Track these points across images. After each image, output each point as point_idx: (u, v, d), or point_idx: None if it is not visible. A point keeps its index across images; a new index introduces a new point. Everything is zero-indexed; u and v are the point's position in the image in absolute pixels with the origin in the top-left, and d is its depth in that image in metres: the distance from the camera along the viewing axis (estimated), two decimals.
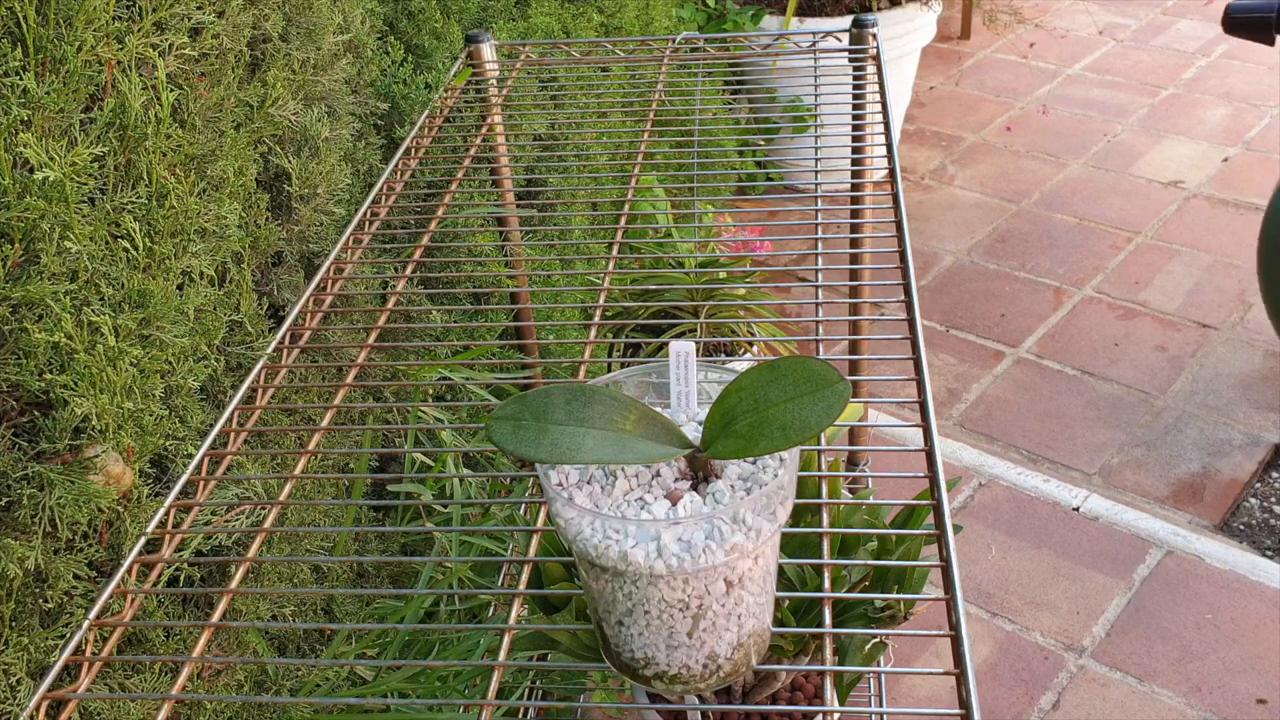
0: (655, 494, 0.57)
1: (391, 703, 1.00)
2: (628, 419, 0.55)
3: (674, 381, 0.59)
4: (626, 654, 0.60)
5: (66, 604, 0.89)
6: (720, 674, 0.61)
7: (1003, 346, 2.27)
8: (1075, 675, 1.60)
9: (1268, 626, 1.65)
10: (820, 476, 0.82)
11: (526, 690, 1.29)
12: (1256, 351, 2.22)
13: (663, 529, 0.54)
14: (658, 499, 0.56)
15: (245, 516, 1.01)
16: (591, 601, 0.61)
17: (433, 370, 1.25)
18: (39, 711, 0.67)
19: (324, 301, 1.04)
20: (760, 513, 0.55)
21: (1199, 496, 1.90)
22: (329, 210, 1.28)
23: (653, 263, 1.33)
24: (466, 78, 1.38)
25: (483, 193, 1.48)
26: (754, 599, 0.59)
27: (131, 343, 0.93)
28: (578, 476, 0.58)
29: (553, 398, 0.56)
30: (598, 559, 0.55)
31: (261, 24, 1.16)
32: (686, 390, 0.60)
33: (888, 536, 0.89)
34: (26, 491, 0.84)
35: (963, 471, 1.96)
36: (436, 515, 1.32)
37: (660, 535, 0.54)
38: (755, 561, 0.57)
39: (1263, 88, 3.15)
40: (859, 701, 1.31)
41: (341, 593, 0.96)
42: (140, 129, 0.93)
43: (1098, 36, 3.51)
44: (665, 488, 0.57)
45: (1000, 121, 3.08)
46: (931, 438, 0.80)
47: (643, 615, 0.57)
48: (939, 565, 0.71)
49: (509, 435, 0.55)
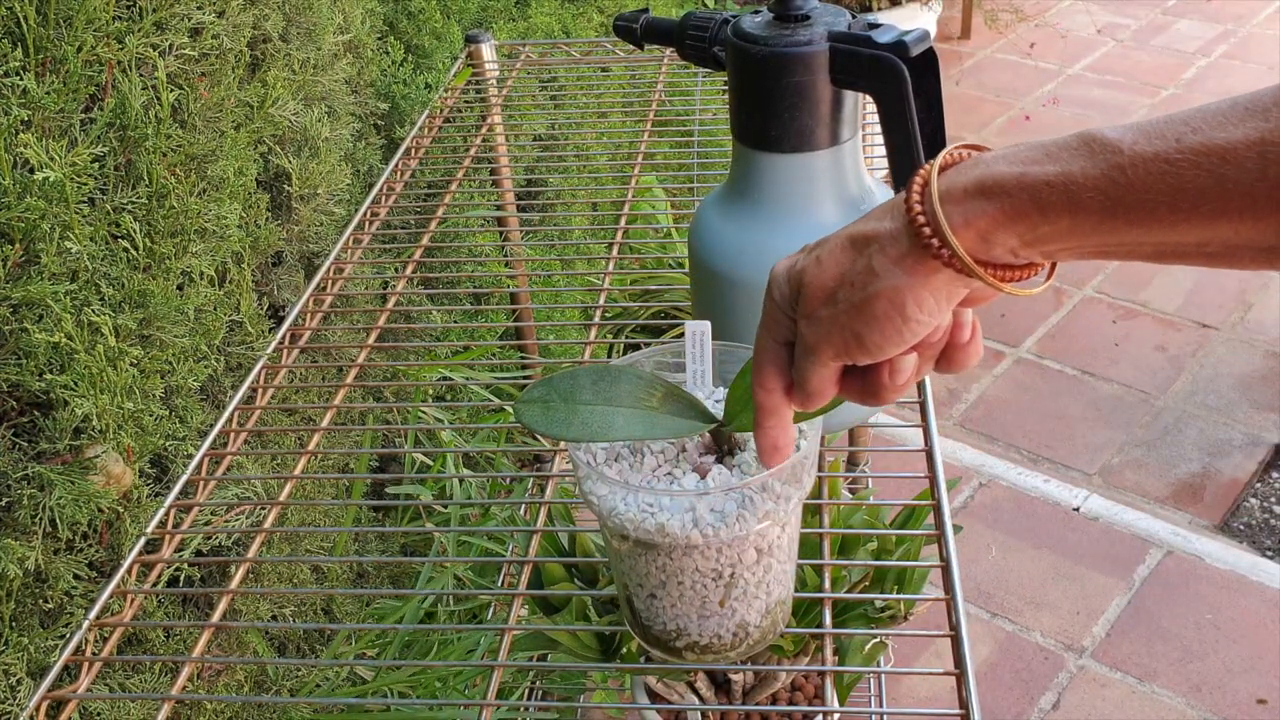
0: (683, 468, 0.58)
1: (391, 703, 1.00)
2: (654, 396, 0.56)
3: (690, 360, 0.60)
4: (658, 626, 0.62)
5: (66, 604, 0.89)
6: (749, 642, 0.62)
7: (1003, 346, 2.27)
8: (1075, 675, 1.60)
9: (1268, 626, 1.65)
10: (820, 476, 0.81)
11: (526, 690, 1.29)
12: (1256, 351, 2.22)
13: (696, 500, 0.56)
14: (686, 473, 0.58)
15: (245, 517, 1.01)
16: (620, 577, 0.62)
17: (433, 370, 1.25)
18: (39, 711, 0.67)
19: (324, 301, 1.04)
20: (788, 481, 0.57)
21: (1199, 496, 1.90)
22: (329, 210, 1.28)
23: (653, 263, 1.33)
24: (466, 78, 1.38)
25: (483, 193, 1.48)
26: (781, 566, 0.61)
27: (131, 343, 0.93)
28: (604, 455, 0.59)
29: (580, 379, 0.56)
30: (633, 533, 0.56)
31: (261, 24, 1.16)
32: (702, 369, 0.61)
33: (888, 536, 0.89)
34: (26, 491, 0.84)
35: (963, 471, 1.96)
36: (436, 515, 1.32)
37: (695, 506, 0.55)
38: (783, 529, 0.59)
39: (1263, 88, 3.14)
40: (859, 701, 1.30)
41: (341, 593, 0.96)
42: (140, 129, 0.93)
43: (1098, 36, 3.51)
44: (692, 462, 0.59)
45: (1000, 122, 3.08)
46: (931, 438, 0.80)
47: (676, 587, 0.59)
48: (939, 565, 0.71)
49: (539, 417, 0.55)
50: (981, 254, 0.43)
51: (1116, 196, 0.39)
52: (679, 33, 0.79)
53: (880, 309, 0.45)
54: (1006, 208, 0.41)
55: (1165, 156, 0.38)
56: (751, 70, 0.70)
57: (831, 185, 0.73)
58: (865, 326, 0.45)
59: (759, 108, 0.71)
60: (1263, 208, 0.37)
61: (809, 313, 0.47)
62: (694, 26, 0.78)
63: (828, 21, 0.70)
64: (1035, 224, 0.41)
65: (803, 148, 0.72)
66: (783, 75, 0.69)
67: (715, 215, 0.76)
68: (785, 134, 0.71)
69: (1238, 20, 3.55)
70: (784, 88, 0.70)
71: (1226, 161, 0.37)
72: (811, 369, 0.48)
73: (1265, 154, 0.36)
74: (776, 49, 0.69)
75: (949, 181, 0.43)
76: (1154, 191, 0.38)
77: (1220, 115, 0.38)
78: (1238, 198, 0.37)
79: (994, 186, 0.42)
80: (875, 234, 0.45)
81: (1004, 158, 0.42)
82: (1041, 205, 0.41)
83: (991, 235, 0.42)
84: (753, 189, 0.74)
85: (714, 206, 0.77)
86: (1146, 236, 0.40)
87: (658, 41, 0.83)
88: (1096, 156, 0.40)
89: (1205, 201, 0.38)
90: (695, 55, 0.79)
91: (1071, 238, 0.41)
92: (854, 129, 0.74)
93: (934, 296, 0.44)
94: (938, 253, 0.43)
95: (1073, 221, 0.40)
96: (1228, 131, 0.37)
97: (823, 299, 0.47)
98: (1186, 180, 0.38)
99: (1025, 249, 0.42)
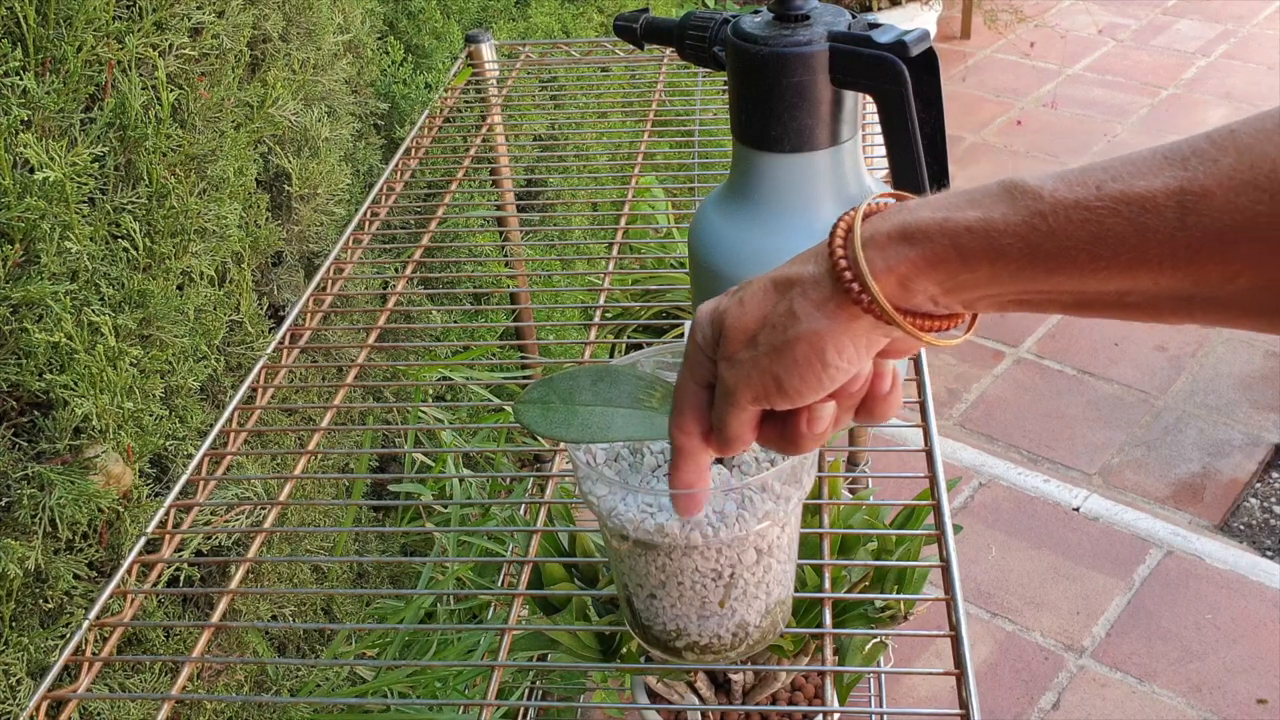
0: None
1: (391, 703, 1.00)
2: (653, 396, 0.56)
3: None
4: (658, 627, 0.62)
5: (66, 604, 0.89)
6: (749, 642, 0.62)
7: (1003, 346, 2.27)
8: (1075, 675, 1.60)
9: (1268, 626, 1.65)
10: (820, 476, 0.82)
11: (526, 690, 1.29)
12: (1256, 351, 2.22)
13: None
14: None
15: (245, 516, 1.01)
16: (620, 578, 0.62)
17: (433, 370, 1.25)
18: (39, 711, 0.67)
19: (324, 301, 1.04)
20: (788, 481, 0.57)
21: (1199, 496, 1.90)
22: (329, 210, 1.28)
23: (653, 263, 1.33)
24: (466, 78, 1.38)
25: (483, 193, 1.48)
26: (781, 566, 0.61)
27: (131, 343, 0.93)
28: (604, 455, 0.59)
29: (579, 379, 0.56)
30: (633, 533, 0.56)
31: (261, 24, 1.16)
32: None
33: (888, 536, 0.89)
34: (26, 491, 0.84)
35: (963, 471, 1.96)
36: (436, 515, 1.32)
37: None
38: (783, 529, 0.59)
39: (1263, 88, 3.15)
40: (859, 701, 1.31)
41: (341, 593, 0.96)
42: (140, 129, 0.93)
43: (1098, 36, 3.51)
44: None
45: (1000, 122, 3.08)
46: (931, 438, 0.80)
47: (675, 587, 0.59)
48: (939, 565, 0.71)
49: (538, 418, 0.55)
50: (902, 301, 0.42)
51: (1036, 243, 0.39)
52: (679, 33, 0.79)
53: (800, 353, 0.44)
54: (927, 253, 0.41)
55: (1085, 204, 0.38)
56: (751, 70, 0.70)
57: (831, 185, 0.73)
58: (784, 370, 0.45)
59: (759, 108, 0.71)
60: (1181, 257, 0.37)
61: (729, 354, 0.47)
62: (694, 26, 0.78)
63: (827, 21, 0.70)
64: (955, 270, 0.41)
65: (803, 148, 0.72)
66: (783, 75, 0.69)
67: (715, 215, 0.76)
68: (785, 134, 0.71)
69: (1238, 20, 3.55)
70: (784, 88, 0.70)
71: (1146, 210, 0.37)
72: (730, 413, 0.48)
73: (1184, 203, 0.36)
74: (776, 49, 0.69)
75: (873, 227, 0.43)
76: (1074, 239, 0.38)
77: (1141, 164, 0.38)
78: (1157, 246, 0.37)
79: (916, 232, 0.41)
80: (798, 278, 0.45)
81: (927, 204, 0.42)
82: (962, 251, 0.40)
83: (912, 282, 0.42)
84: (753, 189, 0.74)
85: (714, 206, 0.77)
86: (1066, 284, 0.40)
87: (657, 41, 0.83)
88: (1018, 203, 0.40)
89: (1125, 249, 0.38)
90: (695, 55, 0.79)
91: (992, 285, 0.41)
92: (854, 129, 0.74)
93: (854, 344, 0.44)
94: (858, 298, 0.42)
95: (993, 269, 0.40)
96: (1148, 180, 0.37)
97: (743, 341, 0.46)
98: (1107, 228, 0.38)
99: (945, 297, 0.42)
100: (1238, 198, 0.36)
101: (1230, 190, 0.36)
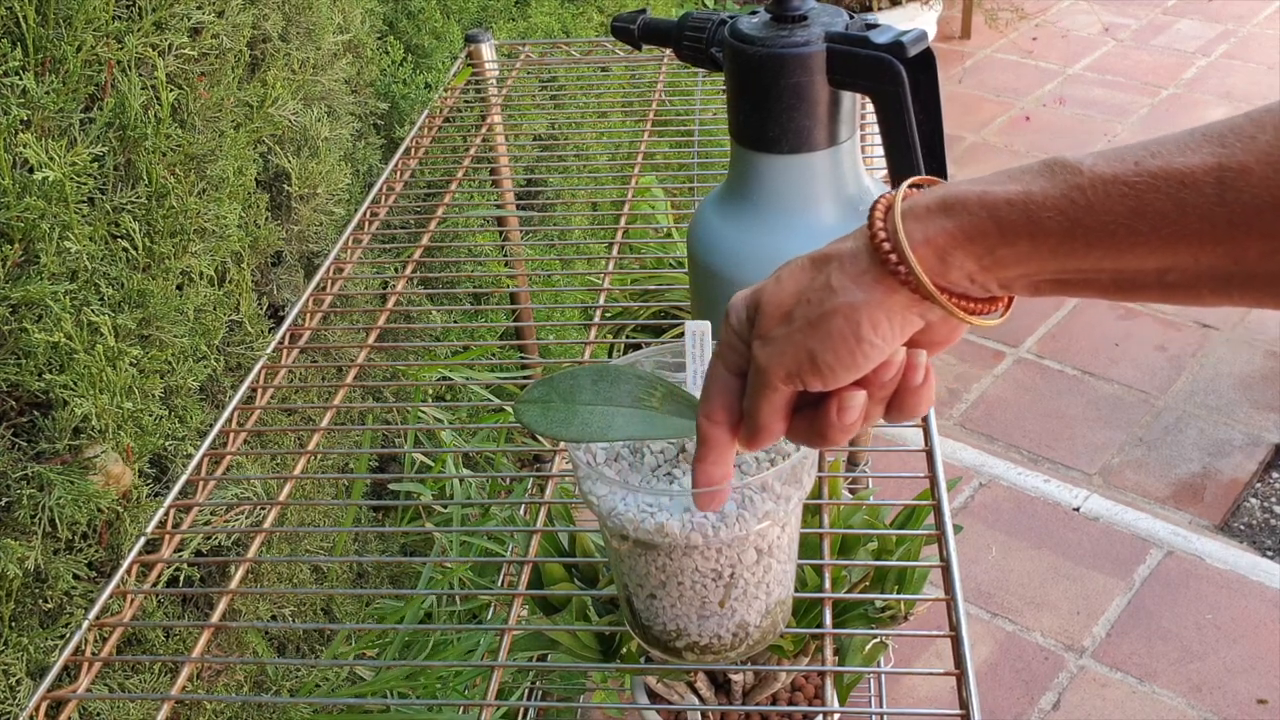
0: (682, 468, 0.58)
1: (391, 703, 1.00)
2: (654, 396, 0.56)
3: (690, 360, 0.60)
4: (658, 627, 0.62)
5: (66, 604, 0.89)
6: (749, 642, 0.62)
7: (1003, 346, 2.27)
8: (1075, 675, 1.60)
9: (1268, 626, 1.65)
10: (820, 476, 0.82)
11: (526, 690, 1.29)
12: (1256, 351, 2.22)
13: None
14: (686, 473, 0.58)
15: (245, 517, 1.01)
16: (620, 578, 0.62)
17: (433, 370, 1.25)
18: (39, 711, 0.67)
19: (324, 301, 1.04)
20: (788, 481, 0.57)
21: (1199, 496, 1.90)
22: (329, 210, 1.28)
23: (653, 263, 1.33)
24: (466, 77, 1.38)
25: (482, 192, 1.48)
26: (781, 566, 0.61)
27: (131, 343, 0.93)
28: (604, 455, 0.59)
29: (579, 379, 0.56)
30: (633, 533, 0.56)
31: (261, 24, 1.16)
32: (702, 369, 0.61)
33: (888, 537, 0.89)
34: (26, 491, 0.84)
35: (963, 471, 1.96)
36: (436, 515, 1.31)
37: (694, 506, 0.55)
38: (783, 529, 0.59)
39: (1263, 88, 3.14)
40: (859, 702, 1.30)
41: (341, 593, 0.96)
42: (140, 129, 0.93)
43: (1098, 36, 3.51)
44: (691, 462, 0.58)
45: (1001, 121, 3.08)
46: (931, 438, 0.80)
47: (675, 587, 0.59)
48: (939, 565, 0.71)
49: (538, 417, 0.55)
50: (939, 277, 0.43)
51: (1075, 217, 0.39)
52: (677, 33, 0.79)
53: (835, 326, 0.44)
54: (966, 225, 0.42)
55: (1124, 179, 0.39)
56: (749, 71, 0.70)
57: (830, 186, 0.73)
58: (819, 344, 0.45)
59: (757, 109, 0.71)
60: (1221, 232, 0.37)
61: (764, 332, 0.47)
62: (691, 27, 0.78)
63: (825, 22, 0.70)
64: (993, 244, 0.41)
65: (801, 148, 0.72)
66: (780, 76, 0.69)
67: (715, 215, 0.76)
68: (783, 135, 0.71)
69: (1238, 20, 3.55)
70: (782, 89, 0.70)
71: (1185, 186, 0.37)
72: (762, 395, 0.47)
73: (1223, 179, 0.37)
74: (774, 50, 0.69)
75: (913, 200, 0.43)
76: (1113, 213, 0.39)
77: (1180, 142, 0.38)
78: (1196, 220, 0.37)
79: (955, 203, 0.42)
80: (837, 253, 0.45)
81: (968, 180, 0.43)
82: (1001, 224, 0.41)
83: (949, 255, 0.42)
84: (751, 190, 0.74)
85: (713, 207, 0.77)
86: (1105, 261, 0.40)
87: (655, 42, 0.83)
88: (1057, 177, 0.40)
89: (1164, 224, 0.38)
90: (693, 56, 0.79)
91: (1030, 261, 0.41)
92: (852, 129, 0.74)
93: (889, 320, 0.44)
94: (895, 269, 0.43)
95: (1031, 244, 0.41)
96: (1186, 157, 0.38)
97: (779, 318, 0.46)
98: (1146, 203, 0.38)
99: (983, 274, 0.42)
100: (1276, 174, 0.36)
101: (1269, 166, 0.36)
